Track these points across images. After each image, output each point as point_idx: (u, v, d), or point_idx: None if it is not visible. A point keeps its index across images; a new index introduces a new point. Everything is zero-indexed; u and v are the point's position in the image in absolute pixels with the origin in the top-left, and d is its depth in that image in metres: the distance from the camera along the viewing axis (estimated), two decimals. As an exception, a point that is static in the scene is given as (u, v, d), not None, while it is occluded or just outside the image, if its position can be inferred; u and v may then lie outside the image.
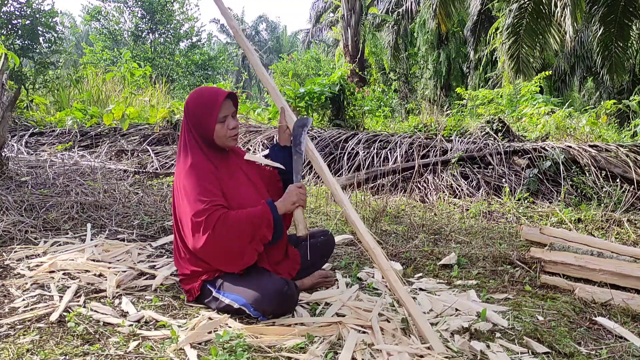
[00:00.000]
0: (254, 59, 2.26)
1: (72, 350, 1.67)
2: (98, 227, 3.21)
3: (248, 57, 2.28)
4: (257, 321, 1.97)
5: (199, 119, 2.05)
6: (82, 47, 20.09)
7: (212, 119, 2.03)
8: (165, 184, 4.82)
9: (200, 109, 2.05)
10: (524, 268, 2.80)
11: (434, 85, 19.21)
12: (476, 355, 1.77)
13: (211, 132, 2.05)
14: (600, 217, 4.03)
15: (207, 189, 1.97)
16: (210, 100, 2.05)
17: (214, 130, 2.05)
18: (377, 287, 2.46)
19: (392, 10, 18.00)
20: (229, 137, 2.09)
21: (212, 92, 2.09)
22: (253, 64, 2.27)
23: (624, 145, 5.50)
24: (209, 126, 2.04)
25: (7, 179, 4.08)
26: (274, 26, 45.09)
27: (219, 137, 2.08)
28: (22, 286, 2.22)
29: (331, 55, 23.53)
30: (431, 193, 5.00)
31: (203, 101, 2.06)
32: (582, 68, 16.24)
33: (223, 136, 2.08)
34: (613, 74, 8.64)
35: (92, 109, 7.78)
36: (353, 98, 8.47)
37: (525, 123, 8.25)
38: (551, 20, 8.43)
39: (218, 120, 2.04)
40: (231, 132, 2.08)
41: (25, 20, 10.85)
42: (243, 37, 2.29)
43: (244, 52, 2.32)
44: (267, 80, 2.25)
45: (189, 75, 22.07)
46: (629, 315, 2.21)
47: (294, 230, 2.12)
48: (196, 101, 2.08)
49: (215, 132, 2.05)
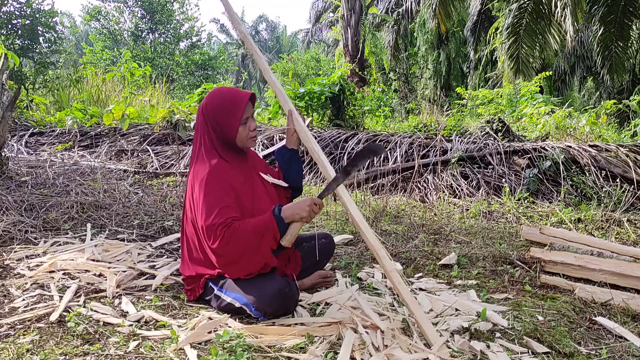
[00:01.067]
0: (262, 64, 2.25)
1: (72, 350, 1.67)
2: (98, 227, 3.21)
3: (256, 62, 2.28)
4: (257, 321, 1.97)
5: (220, 121, 2.04)
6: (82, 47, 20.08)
7: (236, 121, 2.03)
8: (165, 184, 4.82)
9: (222, 112, 2.04)
10: (524, 268, 2.80)
11: (434, 85, 19.21)
12: (476, 355, 1.77)
13: (234, 134, 2.05)
14: (600, 217, 4.03)
15: (222, 199, 1.95)
16: (233, 102, 2.04)
17: (237, 133, 2.05)
18: (377, 287, 2.47)
19: (392, 10, 17.99)
20: (250, 138, 2.10)
21: (234, 93, 2.08)
22: (262, 69, 2.26)
23: (624, 145, 5.50)
24: (232, 129, 2.03)
25: (7, 179, 4.08)
26: (274, 26, 45.09)
27: (241, 140, 2.08)
28: (22, 286, 2.22)
29: (331, 55, 23.52)
30: (431, 193, 5.00)
31: (225, 104, 2.05)
32: (582, 68, 16.24)
33: (245, 137, 2.09)
34: (613, 74, 8.64)
35: (92, 109, 7.78)
36: (353, 98, 8.47)
37: (525, 123, 8.25)
38: (551, 20, 8.43)
39: (241, 122, 2.04)
40: (252, 133, 2.10)
41: (25, 20, 10.85)
42: (252, 43, 2.29)
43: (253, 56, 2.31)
44: (275, 83, 2.24)
45: (189, 75, 22.05)
46: (629, 315, 2.21)
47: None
48: (217, 103, 2.06)
49: (238, 135, 2.06)
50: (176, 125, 6.88)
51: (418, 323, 1.87)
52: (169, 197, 4.11)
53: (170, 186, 4.63)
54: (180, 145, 6.51)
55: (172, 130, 6.84)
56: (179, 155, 5.99)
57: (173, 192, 4.25)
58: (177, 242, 3.03)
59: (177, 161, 5.86)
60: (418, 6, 16.12)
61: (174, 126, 6.89)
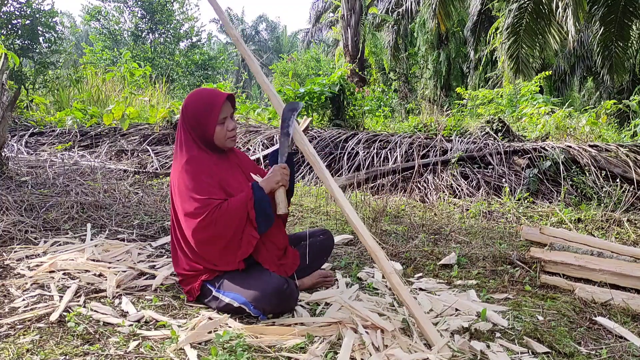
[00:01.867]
0: (255, 67, 2.25)
1: (72, 350, 1.67)
2: (98, 227, 3.21)
3: (249, 65, 2.27)
4: (257, 321, 1.97)
5: (198, 121, 2.05)
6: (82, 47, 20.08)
7: (212, 121, 2.04)
8: (165, 184, 4.82)
9: (200, 112, 2.05)
10: (524, 268, 2.80)
11: (434, 85, 19.21)
12: (476, 355, 1.77)
13: (211, 134, 2.06)
14: (600, 217, 4.03)
15: (203, 182, 1.98)
16: (210, 102, 2.05)
17: (214, 132, 2.06)
18: (377, 287, 2.47)
19: (392, 10, 18.00)
20: (228, 138, 2.11)
21: (212, 94, 2.09)
22: (254, 72, 2.25)
23: (624, 145, 5.50)
24: (209, 128, 2.05)
25: (7, 179, 4.08)
26: (274, 26, 45.09)
27: (219, 139, 2.09)
28: (22, 286, 2.22)
29: (331, 55, 23.52)
30: (431, 193, 5.00)
31: (202, 104, 2.06)
32: (582, 68, 16.25)
33: (222, 138, 2.09)
34: (613, 74, 8.64)
35: (92, 109, 7.78)
36: (353, 98, 8.48)
37: (525, 123, 8.25)
38: (551, 20, 8.43)
39: (218, 122, 2.05)
40: (230, 133, 2.10)
41: (25, 20, 10.86)
42: (244, 46, 2.29)
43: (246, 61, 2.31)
44: (269, 87, 2.25)
45: (189, 75, 22.07)
46: (629, 315, 2.21)
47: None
48: (195, 103, 2.08)
49: (215, 134, 2.07)
50: (176, 125, 6.89)
51: (418, 323, 1.87)
52: (169, 197, 4.11)
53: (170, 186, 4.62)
54: (180, 145, 6.50)
55: (172, 130, 6.85)
56: (179, 155, 5.98)
57: (173, 192, 4.24)
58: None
59: (177, 161, 5.85)
60: (418, 6, 16.13)
61: (174, 126, 6.90)
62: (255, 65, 2.26)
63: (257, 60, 2.28)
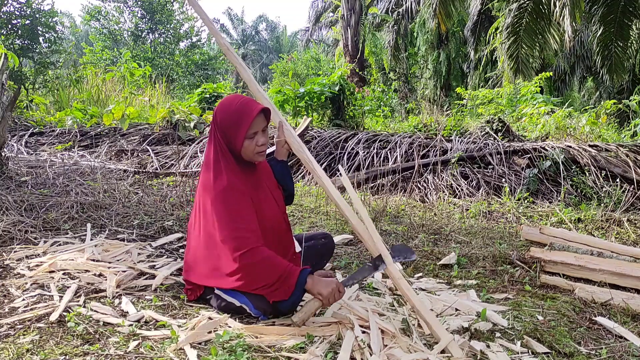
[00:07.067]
0: (247, 75, 2.20)
1: (72, 350, 1.67)
2: (98, 227, 3.21)
3: (240, 74, 2.23)
4: (257, 321, 1.97)
5: (224, 133, 1.98)
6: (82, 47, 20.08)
7: (240, 135, 1.95)
8: (165, 184, 4.82)
9: (230, 123, 1.96)
10: (523, 268, 2.80)
11: (434, 85, 19.22)
12: (476, 355, 1.77)
13: (238, 147, 1.98)
14: (600, 217, 4.03)
15: (241, 215, 1.92)
16: (241, 115, 1.95)
17: (242, 147, 1.98)
18: (377, 287, 2.47)
19: (392, 10, 18.01)
20: (257, 153, 2.01)
21: (244, 107, 1.97)
22: (246, 80, 2.21)
23: (624, 145, 5.50)
24: (237, 141, 1.96)
25: (7, 179, 4.08)
26: (274, 26, 45.07)
27: (247, 154, 2.00)
28: (22, 286, 2.21)
29: (331, 55, 23.52)
30: (431, 193, 5.00)
31: (233, 115, 1.96)
32: (582, 68, 16.25)
33: (251, 152, 2.00)
34: (613, 74, 8.63)
35: (92, 109, 7.79)
36: (353, 98, 8.48)
37: (525, 123, 8.25)
38: (551, 20, 8.43)
39: (247, 136, 1.96)
40: (259, 148, 2.00)
41: (25, 20, 10.87)
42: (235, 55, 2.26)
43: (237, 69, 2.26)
44: (263, 95, 2.19)
45: (189, 75, 22.08)
46: (629, 315, 2.21)
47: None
48: (225, 114, 1.99)
49: (243, 149, 1.99)
50: (176, 125, 6.89)
51: (424, 319, 1.86)
52: (169, 197, 4.11)
53: (170, 186, 4.62)
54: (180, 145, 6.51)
55: (172, 130, 6.85)
56: (179, 155, 5.99)
57: (173, 192, 4.24)
58: (177, 242, 3.03)
59: (177, 161, 5.86)
60: (418, 6, 16.14)
61: (173, 126, 6.90)
62: (247, 74, 2.20)
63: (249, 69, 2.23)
